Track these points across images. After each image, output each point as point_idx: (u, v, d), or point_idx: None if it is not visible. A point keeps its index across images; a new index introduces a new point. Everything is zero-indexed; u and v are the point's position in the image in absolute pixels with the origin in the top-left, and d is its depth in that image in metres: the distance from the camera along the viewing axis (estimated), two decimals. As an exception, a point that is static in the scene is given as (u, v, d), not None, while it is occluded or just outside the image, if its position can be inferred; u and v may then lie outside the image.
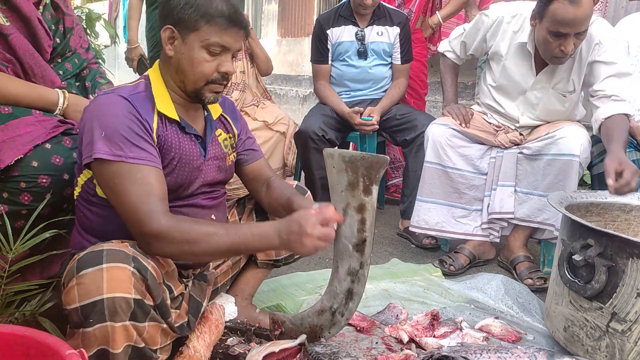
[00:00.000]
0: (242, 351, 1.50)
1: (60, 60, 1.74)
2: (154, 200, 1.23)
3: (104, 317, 1.11)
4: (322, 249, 1.29)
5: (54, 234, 1.41)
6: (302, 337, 1.44)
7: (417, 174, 2.52)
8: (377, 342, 1.63)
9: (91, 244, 1.28)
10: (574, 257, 1.53)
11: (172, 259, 1.37)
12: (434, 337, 1.65)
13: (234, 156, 1.56)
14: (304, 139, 2.72)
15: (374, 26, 2.90)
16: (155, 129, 1.31)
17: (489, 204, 2.38)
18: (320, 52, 2.96)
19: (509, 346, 1.58)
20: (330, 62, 2.96)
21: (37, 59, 1.59)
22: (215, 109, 1.50)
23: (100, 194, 1.33)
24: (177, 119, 1.37)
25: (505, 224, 2.41)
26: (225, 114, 1.55)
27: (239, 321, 1.67)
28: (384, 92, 2.95)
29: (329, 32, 2.92)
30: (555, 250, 1.87)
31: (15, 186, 1.43)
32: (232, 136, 1.55)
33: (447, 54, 2.59)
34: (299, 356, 1.43)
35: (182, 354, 1.40)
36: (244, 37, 1.37)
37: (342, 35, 2.91)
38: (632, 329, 1.44)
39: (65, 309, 1.15)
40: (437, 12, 3.27)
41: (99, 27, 4.21)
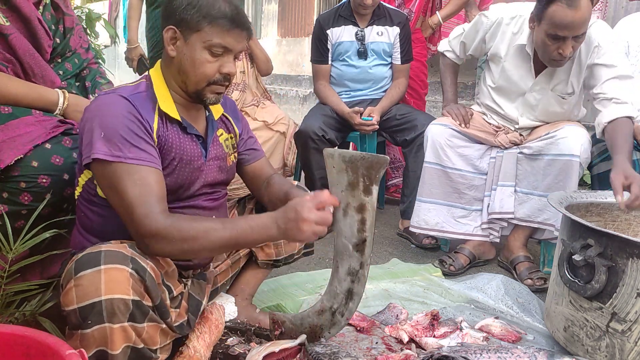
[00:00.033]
0: (242, 351, 1.50)
1: (60, 60, 1.74)
2: (152, 200, 1.22)
3: (102, 319, 1.11)
4: (321, 233, 1.27)
5: (54, 234, 1.41)
6: (302, 337, 1.44)
7: (417, 174, 2.52)
8: (377, 342, 1.63)
9: (92, 244, 1.28)
10: (574, 257, 1.53)
11: (172, 258, 1.37)
12: (434, 337, 1.65)
13: (234, 156, 1.56)
14: (304, 139, 2.72)
15: (374, 26, 2.90)
16: (155, 129, 1.31)
17: (489, 204, 2.38)
18: (320, 52, 2.96)
19: (509, 346, 1.58)
20: (330, 62, 2.96)
21: (37, 59, 1.59)
22: (216, 108, 1.50)
23: (100, 194, 1.33)
24: (179, 118, 1.37)
25: (505, 224, 2.41)
26: (226, 114, 1.55)
27: (239, 321, 1.67)
28: (384, 92, 2.95)
29: (329, 32, 2.92)
30: (555, 250, 1.87)
31: (15, 186, 1.43)
32: (233, 136, 1.55)
33: (447, 54, 2.58)
34: (299, 356, 1.43)
35: (182, 354, 1.40)
36: (246, 39, 1.37)
37: (342, 35, 2.91)
38: (632, 329, 1.44)
39: (63, 310, 1.15)
40: (437, 12, 3.27)
41: (99, 27, 4.22)
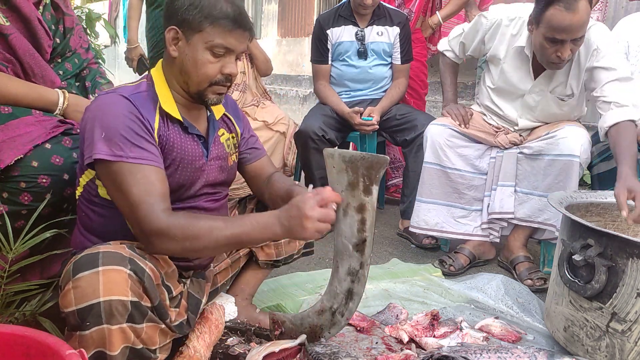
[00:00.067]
0: (242, 351, 1.50)
1: (60, 60, 1.74)
2: (155, 198, 1.22)
3: (101, 320, 1.11)
4: (324, 231, 1.26)
5: (54, 233, 1.41)
6: (302, 337, 1.44)
7: (417, 174, 2.52)
8: (377, 342, 1.63)
9: (93, 244, 1.28)
10: (574, 257, 1.53)
11: (175, 257, 1.37)
12: (434, 337, 1.65)
13: (236, 156, 1.56)
14: (304, 139, 2.72)
15: (374, 26, 2.90)
16: (156, 129, 1.31)
17: (489, 204, 2.38)
18: (320, 52, 2.96)
19: (509, 346, 1.58)
20: (330, 62, 2.96)
21: (37, 59, 1.59)
22: (217, 108, 1.50)
23: (102, 194, 1.33)
24: (180, 118, 1.37)
25: (505, 224, 2.41)
26: (227, 114, 1.54)
27: (239, 321, 1.67)
28: (384, 92, 2.95)
29: (329, 32, 2.92)
30: (555, 250, 1.87)
31: (15, 186, 1.43)
32: (234, 135, 1.55)
33: (447, 53, 2.57)
34: (299, 356, 1.43)
35: (182, 354, 1.40)
36: (248, 39, 1.37)
37: (342, 35, 2.91)
38: (632, 329, 1.44)
39: (62, 311, 1.15)
40: (437, 12, 3.27)
41: (99, 27, 4.22)
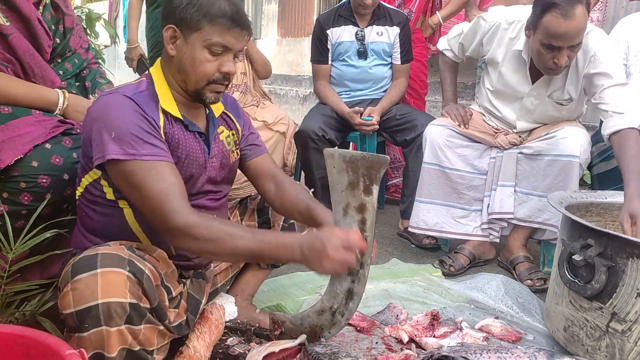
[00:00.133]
0: (242, 351, 1.50)
1: (60, 60, 1.74)
2: (176, 195, 1.23)
3: (99, 322, 1.11)
4: (341, 273, 1.32)
5: (54, 233, 1.41)
6: (302, 337, 1.44)
7: (417, 174, 2.51)
8: (377, 342, 1.63)
9: (93, 244, 1.28)
10: (574, 257, 1.53)
11: (189, 254, 1.40)
12: (434, 337, 1.65)
13: (237, 153, 1.56)
14: (304, 139, 2.72)
15: (374, 26, 2.90)
16: (162, 127, 1.32)
17: (489, 204, 2.37)
18: (320, 52, 2.96)
19: (509, 346, 1.57)
20: (330, 62, 2.96)
21: (37, 59, 1.59)
22: (216, 106, 1.50)
23: (108, 195, 1.33)
24: (180, 116, 1.37)
25: (505, 224, 2.41)
26: (227, 111, 1.55)
27: (239, 321, 1.67)
28: (384, 92, 2.95)
29: (329, 32, 2.92)
30: (555, 250, 1.87)
31: (15, 186, 1.42)
32: (235, 133, 1.55)
33: (446, 52, 2.57)
34: (299, 356, 1.43)
35: (182, 354, 1.40)
36: (246, 38, 1.37)
37: (342, 35, 2.91)
38: (632, 329, 1.44)
39: (61, 313, 1.15)
40: (437, 12, 3.26)
41: (99, 27, 4.21)
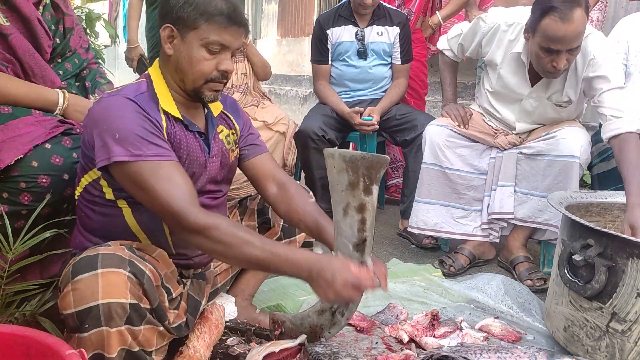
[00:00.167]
0: (242, 351, 1.50)
1: (60, 60, 1.74)
2: (188, 195, 1.23)
3: (100, 323, 1.11)
4: (341, 305, 1.39)
5: (54, 233, 1.41)
6: (302, 337, 1.44)
7: (417, 174, 2.51)
8: (377, 342, 1.63)
9: (93, 244, 1.28)
10: (574, 257, 1.53)
11: (198, 252, 1.43)
12: (434, 337, 1.65)
13: (237, 152, 1.56)
14: (304, 139, 2.72)
15: (374, 26, 2.90)
16: (165, 127, 1.32)
17: (489, 204, 2.37)
18: (320, 52, 2.96)
19: (509, 346, 1.57)
20: (330, 62, 2.96)
21: (37, 59, 1.59)
22: (215, 106, 1.50)
23: (108, 196, 1.33)
24: (180, 116, 1.37)
25: (505, 224, 2.41)
26: (226, 111, 1.54)
27: (239, 321, 1.67)
28: (384, 92, 2.95)
29: (329, 32, 2.92)
30: (555, 250, 1.87)
31: (15, 186, 1.42)
32: (234, 132, 1.55)
33: (446, 52, 2.56)
34: (299, 356, 1.43)
35: (182, 354, 1.40)
36: (243, 35, 1.37)
37: (342, 35, 2.91)
38: (632, 329, 1.44)
39: (61, 313, 1.15)
40: (437, 12, 3.26)
41: (99, 27, 4.21)
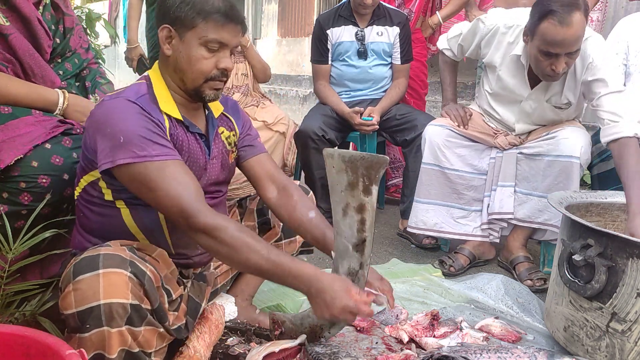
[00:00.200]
0: (242, 351, 1.50)
1: (60, 60, 1.74)
2: (191, 193, 1.24)
3: (101, 323, 1.11)
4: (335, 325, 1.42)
5: (54, 233, 1.41)
6: (302, 337, 1.44)
7: (416, 174, 2.51)
8: (377, 342, 1.63)
9: (92, 244, 1.28)
10: (574, 257, 1.53)
11: (202, 251, 1.44)
12: (434, 337, 1.64)
13: (236, 153, 1.56)
14: (304, 139, 2.72)
15: (374, 26, 2.90)
16: (167, 129, 1.32)
17: (489, 205, 2.37)
18: (320, 52, 2.96)
19: (509, 346, 1.57)
20: (330, 62, 2.96)
21: (37, 59, 1.59)
22: (215, 106, 1.50)
23: (107, 197, 1.33)
24: (180, 118, 1.37)
25: (505, 225, 2.41)
26: (226, 113, 1.54)
27: (239, 321, 1.67)
28: (384, 92, 2.95)
29: (329, 32, 2.92)
30: (555, 250, 1.87)
31: (15, 186, 1.42)
32: (235, 134, 1.55)
33: (445, 52, 2.56)
34: (299, 356, 1.43)
35: (182, 354, 1.40)
36: (241, 33, 1.38)
37: (342, 35, 2.91)
38: (632, 329, 1.44)
39: (62, 313, 1.15)
40: (437, 12, 3.26)
41: (99, 27, 4.21)
